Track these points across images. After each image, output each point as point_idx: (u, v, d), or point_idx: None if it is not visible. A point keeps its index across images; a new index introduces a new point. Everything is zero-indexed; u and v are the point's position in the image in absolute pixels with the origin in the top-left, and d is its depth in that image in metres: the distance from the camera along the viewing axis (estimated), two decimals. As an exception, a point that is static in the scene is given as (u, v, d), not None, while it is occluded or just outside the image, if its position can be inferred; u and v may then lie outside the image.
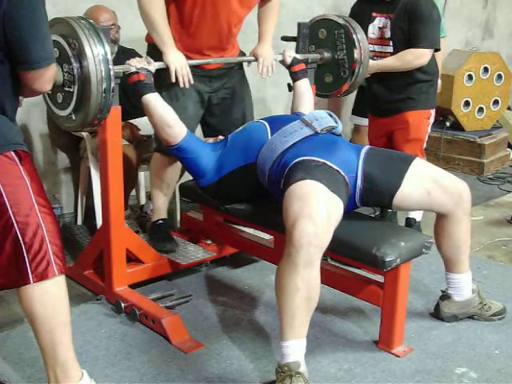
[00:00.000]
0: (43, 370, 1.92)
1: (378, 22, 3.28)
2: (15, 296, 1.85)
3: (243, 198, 2.66)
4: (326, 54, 3.13)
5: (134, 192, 3.63)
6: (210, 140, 2.76)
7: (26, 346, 2.35)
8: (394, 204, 2.41)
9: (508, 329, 2.60)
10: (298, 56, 3.01)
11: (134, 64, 2.51)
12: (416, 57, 3.19)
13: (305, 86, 2.95)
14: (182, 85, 2.68)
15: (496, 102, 5.11)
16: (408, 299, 2.44)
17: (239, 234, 2.99)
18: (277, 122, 2.51)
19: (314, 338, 2.41)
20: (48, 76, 1.79)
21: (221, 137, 2.73)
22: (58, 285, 1.82)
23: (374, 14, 3.30)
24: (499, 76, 5.07)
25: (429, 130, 3.41)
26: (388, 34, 3.25)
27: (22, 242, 1.74)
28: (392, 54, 3.25)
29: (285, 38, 3.21)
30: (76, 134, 3.39)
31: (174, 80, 2.66)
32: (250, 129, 2.60)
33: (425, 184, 2.38)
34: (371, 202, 2.49)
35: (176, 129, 2.54)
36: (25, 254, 1.74)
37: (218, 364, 2.31)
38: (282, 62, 2.99)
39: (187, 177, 2.92)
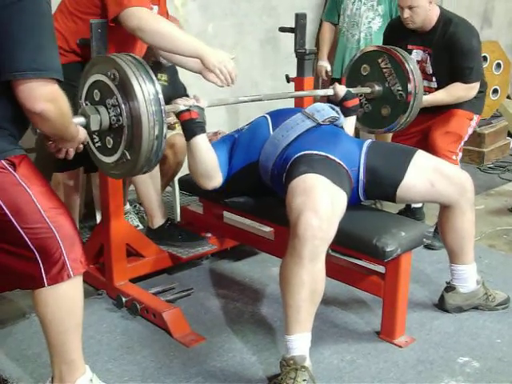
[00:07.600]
0: (45, 365, 1.92)
1: (416, 55, 3.15)
2: (18, 291, 1.84)
3: (245, 194, 2.66)
4: (377, 87, 2.89)
5: (132, 186, 3.62)
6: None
7: (28, 342, 2.35)
8: (398, 196, 2.40)
9: (510, 318, 2.60)
10: (352, 90, 2.75)
11: (182, 102, 2.29)
12: (466, 92, 3.11)
13: (350, 127, 2.70)
14: (224, 84, 2.40)
15: (495, 91, 5.10)
16: (409, 289, 2.44)
17: (239, 226, 2.99)
18: (279, 116, 2.49)
19: (316, 329, 2.38)
20: (39, 93, 1.56)
21: (221, 131, 2.70)
22: (73, 287, 1.78)
23: (409, 47, 3.15)
24: (498, 65, 5.06)
25: (470, 131, 3.27)
26: (430, 71, 3.16)
27: (33, 248, 1.69)
28: (437, 88, 3.15)
29: (282, 29, 3.19)
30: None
31: (220, 84, 2.40)
32: (254, 126, 2.56)
33: (428, 175, 2.37)
34: (375, 195, 2.48)
35: (213, 180, 2.44)
36: (38, 259, 1.70)
37: (220, 357, 2.31)
38: (334, 96, 2.68)
39: (185, 170, 2.90)
